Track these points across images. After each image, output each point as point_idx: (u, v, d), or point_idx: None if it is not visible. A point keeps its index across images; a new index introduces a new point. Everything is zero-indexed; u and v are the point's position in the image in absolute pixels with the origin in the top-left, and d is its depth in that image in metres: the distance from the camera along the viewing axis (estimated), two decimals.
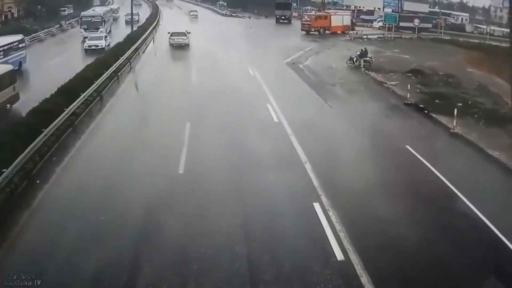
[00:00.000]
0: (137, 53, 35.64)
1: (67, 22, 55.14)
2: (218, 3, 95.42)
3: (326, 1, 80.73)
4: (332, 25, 55.32)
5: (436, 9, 72.60)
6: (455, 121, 18.45)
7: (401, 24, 57.16)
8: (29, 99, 19.92)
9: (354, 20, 60.64)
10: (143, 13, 67.63)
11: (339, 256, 9.60)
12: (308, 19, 56.35)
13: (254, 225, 10.80)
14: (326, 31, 54.26)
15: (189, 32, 42.23)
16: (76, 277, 8.88)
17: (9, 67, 21.36)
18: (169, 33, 41.54)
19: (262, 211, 11.46)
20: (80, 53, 37.09)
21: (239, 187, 12.80)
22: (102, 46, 36.77)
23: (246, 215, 11.20)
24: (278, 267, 9.24)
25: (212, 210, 11.47)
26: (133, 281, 8.82)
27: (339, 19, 56.75)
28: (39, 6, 63.26)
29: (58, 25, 52.14)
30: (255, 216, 11.21)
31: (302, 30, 55.41)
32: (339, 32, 54.48)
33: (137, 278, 8.90)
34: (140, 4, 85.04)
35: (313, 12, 61.82)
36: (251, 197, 12.22)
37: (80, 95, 19.75)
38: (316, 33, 53.62)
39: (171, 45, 40.05)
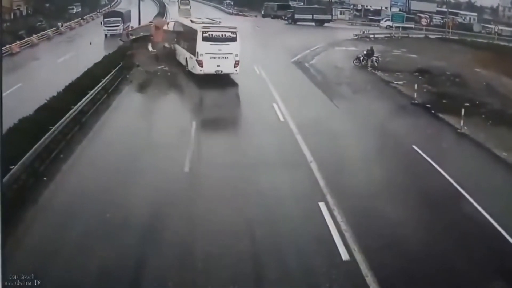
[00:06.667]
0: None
1: (64, 24, 53.62)
2: (225, 1, 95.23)
3: (333, 0, 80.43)
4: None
5: (444, 9, 72.19)
6: (462, 121, 18.36)
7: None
8: None
9: None
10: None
11: (345, 256, 9.60)
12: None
13: (258, 225, 10.77)
14: None
15: None
16: (80, 274, 8.91)
17: None
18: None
19: (267, 210, 11.44)
20: None
21: (244, 186, 12.80)
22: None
23: (250, 215, 11.19)
24: (284, 268, 9.24)
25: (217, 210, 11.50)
26: (138, 279, 8.88)
27: None
28: (47, 5, 63.37)
29: (55, 27, 50.54)
30: (260, 216, 11.19)
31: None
32: None
33: (142, 274, 8.95)
34: None
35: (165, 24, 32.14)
36: (255, 196, 12.21)
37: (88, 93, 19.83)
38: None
39: None
